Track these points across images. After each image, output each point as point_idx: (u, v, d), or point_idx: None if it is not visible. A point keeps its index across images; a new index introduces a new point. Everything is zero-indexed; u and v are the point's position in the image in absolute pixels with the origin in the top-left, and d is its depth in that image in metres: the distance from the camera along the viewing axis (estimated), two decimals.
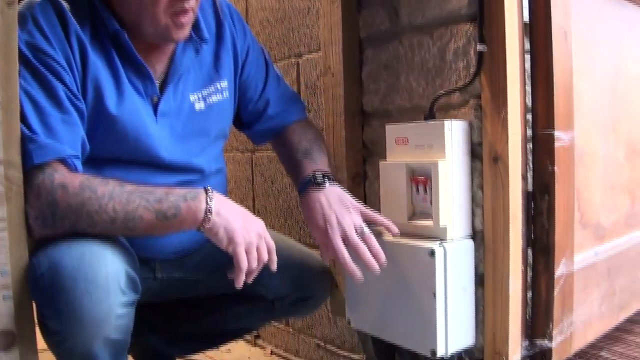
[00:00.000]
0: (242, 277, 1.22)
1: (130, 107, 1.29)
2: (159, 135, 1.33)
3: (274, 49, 2.08)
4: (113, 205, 1.15)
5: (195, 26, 1.36)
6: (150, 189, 1.19)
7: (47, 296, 1.13)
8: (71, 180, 1.15)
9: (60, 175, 1.15)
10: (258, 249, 1.24)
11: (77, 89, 1.22)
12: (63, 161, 1.17)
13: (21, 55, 1.15)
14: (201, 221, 1.19)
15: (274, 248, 1.28)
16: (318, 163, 1.45)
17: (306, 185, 1.40)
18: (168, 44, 1.32)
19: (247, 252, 1.22)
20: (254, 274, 1.25)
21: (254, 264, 1.23)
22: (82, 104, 1.22)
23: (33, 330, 1.22)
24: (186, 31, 1.27)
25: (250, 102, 1.55)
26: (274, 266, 1.28)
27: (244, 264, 1.21)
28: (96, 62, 1.24)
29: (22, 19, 1.16)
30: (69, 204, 1.14)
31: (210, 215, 1.19)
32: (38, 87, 1.17)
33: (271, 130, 1.59)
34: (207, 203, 1.19)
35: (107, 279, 1.14)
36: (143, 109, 1.31)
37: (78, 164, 1.21)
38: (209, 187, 1.22)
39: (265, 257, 1.25)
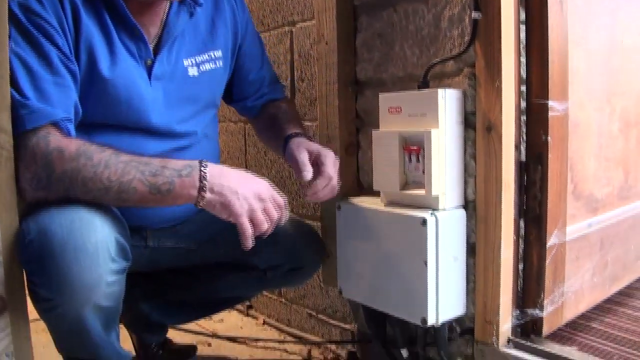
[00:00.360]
0: (249, 242, 1.22)
1: (123, 71, 1.28)
2: (152, 98, 1.32)
3: (267, 17, 2.05)
4: (108, 174, 1.15)
5: None
6: (146, 160, 1.18)
7: (37, 263, 1.13)
8: (67, 145, 1.14)
9: (55, 138, 1.14)
10: (266, 210, 1.22)
11: (70, 52, 1.21)
12: (56, 125, 1.16)
13: (12, 16, 1.13)
14: (196, 198, 1.18)
15: (284, 203, 1.26)
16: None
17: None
18: (160, 3, 1.30)
19: (252, 218, 1.21)
20: (268, 233, 1.25)
21: (263, 227, 1.22)
22: (75, 66, 1.21)
23: (23, 295, 1.22)
24: None
25: (250, 72, 1.56)
26: (283, 221, 1.27)
27: (248, 232, 1.20)
28: (89, 25, 1.23)
29: None
30: (64, 168, 1.13)
31: (204, 193, 1.18)
32: (30, 49, 1.15)
33: (256, 108, 1.64)
34: (200, 181, 1.18)
35: (96, 247, 1.14)
36: (136, 72, 1.30)
37: (71, 127, 1.20)
38: (204, 162, 1.20)
39: (275, 216, 1.24)
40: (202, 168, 1.18)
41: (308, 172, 1.37)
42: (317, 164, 1.39)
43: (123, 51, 1.27)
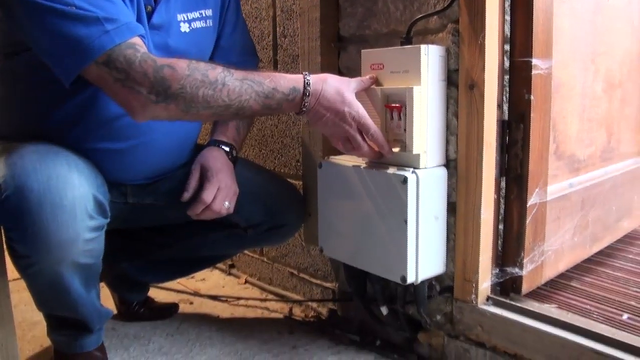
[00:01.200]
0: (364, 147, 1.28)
1: (136, 15, 1.27)
2: (150, 46, 1.30)
3: None
4: (227, 92, 1.17)
5: None
6: (258, 78, 1.20)
7: (13, 220, 1.12)
8: (175, 62, 1.15)
9: (154, 55, 1.14)
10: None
11: None
12: (141, 37, 1.17)
13: None
14: (299, 113, 1.25)
15: (377, 134, 1.27)
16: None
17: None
18: None
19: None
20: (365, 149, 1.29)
21: (361, 149, 1.29)
22: None
23: (2, 254, 1.22)
24: None
25: (221, 36, 1.53)
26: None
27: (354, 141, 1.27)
28: None
29: None
30: (182, 84, 1.13)
31: (305, 109, 1.23)
32: None
33: None
34: (302, 106, 1.23)
35: (73, 203, 1.14)
36: (143, 17, 1.28)
37: (147, 41, 1.21)
38: (307, 82, 1.22)
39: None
40: (305, 92, 1.22)
41: (186, 194, 1.44)
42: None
43: None
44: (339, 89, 1.23)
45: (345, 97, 1.23)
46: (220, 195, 1.43)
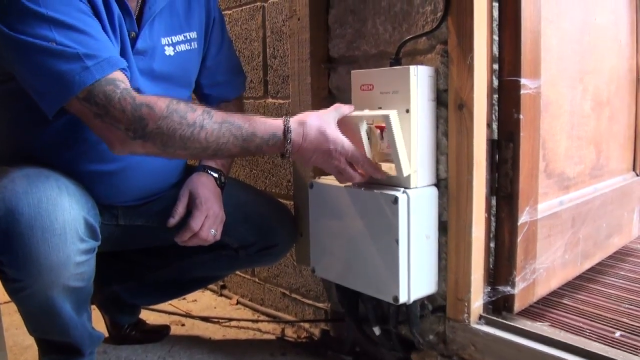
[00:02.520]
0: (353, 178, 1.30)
1: (120, 45, 1.28)
2: (134, 71, 1.31)
3: None
4: (205, 135, 1.17)
5: None
6: (237, 122, 1.20)
7: (4, 243, 1.12)
8: (154, 101, 1.15)
9: (134, 92, 1.15)
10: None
11: None
12: (122, 71, 1.18)
13: None
14: (283, 157, 1.26)
15: (370, 164, 1.30)
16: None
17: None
18: None
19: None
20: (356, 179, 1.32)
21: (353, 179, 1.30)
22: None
23: None
24: None
25: (207, 57, 1.54)
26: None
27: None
28: None
29: None
30: (158, 124, 1.14)
31: (288, 154, 1.24)
32: (66, 7, 1.13)
33: (213, 100, 1.62)
34: (284, 151, 1.23)
35: (64, 227, 1.14)
36: (127, 43, 1.29)
37: (128, 74, 1.21)
38: (289, 128, 1.23)
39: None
40: (287, 139, 1.22)
41: (172, 220, 1.45)
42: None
43: (117, 21, 1.26)
44: (320, 127, 1.24)
45: (328, 136, 1.23)
46: (208, 223, 1.44)
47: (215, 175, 1.53)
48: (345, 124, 1.30)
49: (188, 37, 1.43)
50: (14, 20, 1.10)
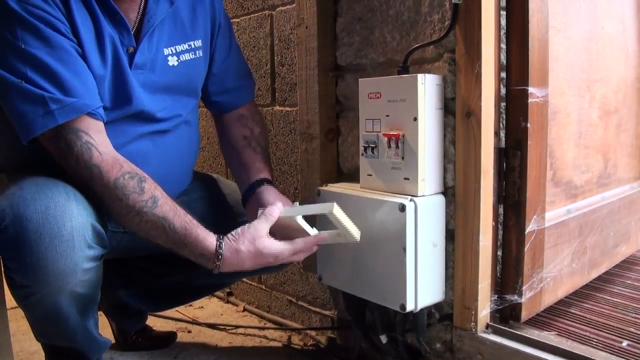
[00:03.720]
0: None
1: (111, 63, 1.27)
2: (135, 86, 1.31)
3: (247, 1, 2.04)
4: (139, 221, 1.21)
5: None
6: (176, 224, 1.22)
7: (12, 249, 1.12)
8: (107, 169, 1.19)
9: (96, 152, 1.19)
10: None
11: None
12: (90, 115, 1.20)
13: (14, 14, 1.12)
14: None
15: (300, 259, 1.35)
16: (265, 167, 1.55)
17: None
18: None
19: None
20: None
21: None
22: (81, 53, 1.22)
23: (1, 283, 1.21)
24: None
25: (215, 63, 1.53)
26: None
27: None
28: (79, 14, 1.21)
29: None
30: (102, 190, 1.19)
31: (216, 272, 1.28)
32: (41, 44, 1.15)
33: (224, 106, 1.61)
34: (213, 269, 1.27)
35: (72, 233, 1.14)
36: (121, 62, 1.28)
37: (102, 113, 1.23)
38: (220, 255, 1.25)
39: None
40: (217, 261, 1.26)
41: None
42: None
43: (108, 40, 1.26)
44: (255, 251, 1.27)
45: (264, 253, 1.27)
46: None
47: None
48: (282, 222, 1.31)
49: (193, 46, 1.43)
50: None
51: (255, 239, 1.26)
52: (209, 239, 1.25)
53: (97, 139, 1.20)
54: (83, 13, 1.22)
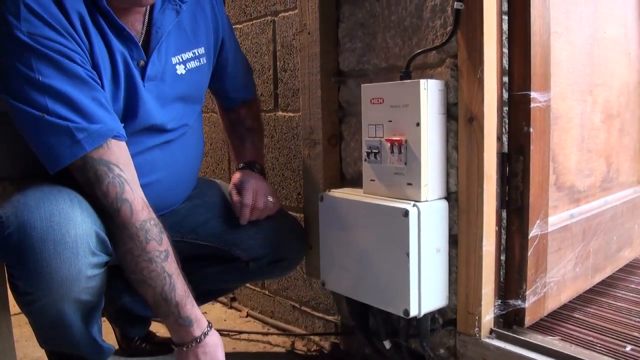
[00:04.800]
0: None
1: (124, 81, 1.28)
2: (148, 100, 1.31)
3: (249, 7, 2.04)
4: (143, 268, 1.22)
5: None
6: (176, 284, 1.25)
7: (16, 256, 1.12)
8: (139, 208, 1.21)
9: (128, 187, 1.20)
10: None
11: (91, 67, 1.21)
12: (115, 138, 1.20)
13: (28, 47, 1.11)
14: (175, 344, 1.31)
15: None
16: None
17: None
18: (139, 7, 1.29)
19: None
20: None
21: None
22: (97, 78, 1.22)
23: (5, 289, 1.22)
24: None
25: (227, 65, 1.56)
26: None
27: None
28: (95, 36, 1.22)
29: (15, 7, 1.11)
30: (125, 227, 1.20)
31: (186, 348, 1.29)
32: (58, 75, 1.14)
33: (236, 102, 1.69)
34: (184, 345, 1.28)
35: (76, 240, 1.13)
36: (134, 78, 1.29)
37: (124, 133, 1.23)
38: (201, 338, 1.28)
39: None
40: (196, 339, 1.28)
41: (236, 209, 1.52)
42: None
43: (120, 58, 1.26)
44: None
45: None
46: (259, 196, 1.52)
47: (248, 167, 1.62)
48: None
49: (197, 54, 1.43)
50: (11, 84, 1.13)
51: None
52: (201, 318, 1.30)
53: (128, 174, 1.21)
54: (97, 37, 1.22)
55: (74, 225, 1.14)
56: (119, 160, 1.19)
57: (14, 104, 1.12)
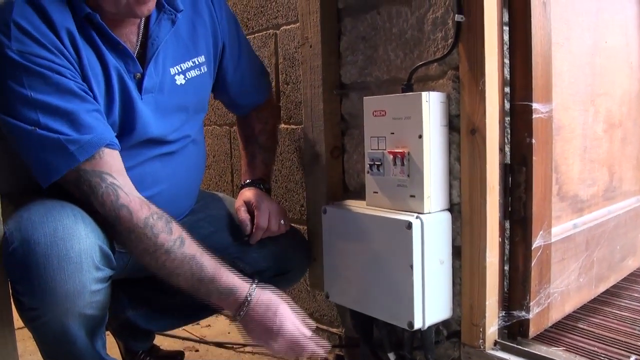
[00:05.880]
0: None
1: (119, 96, 1.28)
2: (146, 113, 1.32)
3: (251, 20, 2.05)
4: (165, 260, 1.22)
5: None
6: (204, 262, 1.25)
7: (20, 272, 1.12)
8: (136, 209, 1.21)
9: (122, 192, 1.20)
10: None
11: (81, 81, 1.22)
12: (108, 146, 1.20)
13: (18, 65, 1.13)
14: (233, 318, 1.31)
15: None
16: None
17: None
18: (134, 18, 1.29)
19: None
20: None
21: None
22: (89, 90, 1.23)
23: (9, 303, 1.21)
24: (150, 5, 1.24)
25: (228, 73, 1.55)
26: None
27: None
28: (86, 51, 1.22)
29: (5, 26, 1.13)
30: (130, 230, 1.20)
31: (239, 316, 1.29)
32: (49, 90, 1.15)
33: (247, 108, 1.68)
34: (241, 310, 1.28)
35: (80, 255, 1.14)
36: (130, 92, 1.29)
37: (117, 142, 1.23)
38: (252, 293, 1.28)
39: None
40: (240, 313, 1.28)
41: (247, 227, 1.52)
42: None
43: (114, 73, 1.27)
44: (278, 310, 1.32)
45: (278, 315, 1.31)
46: (273, 217, 1.52)
47: (257, 185, 1.61)
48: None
49: (197, 62, 1.44)
50: (3, 101, 1.14)
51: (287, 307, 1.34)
52: (239, 278, 1.29)
53: (121, 180, 1.21)
54: (89, 52, 1.23)
55: (77, 240, 1.14)
56: (112, 168, 1.20)
57: (6, 119, 1.14)
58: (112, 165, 1.20)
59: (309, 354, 1.32)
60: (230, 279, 1.27)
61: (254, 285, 1.29)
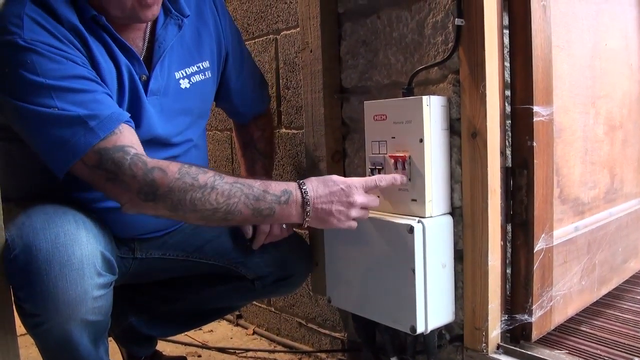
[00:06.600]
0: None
1: (129, 92, 1.29)
2: (151, 114, 1.32)
3: (251, 25, 2.05)
4: (216, 196, 1.19)
5: (174, 1, 1.35)
6: (248, 182, 1.23)
7: (22, 279, 1.12)
8: (167, 165, 1.18)
9: (147, 157, 1.17)
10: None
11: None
12: (126, 122, 1.20)
13: (34, 52, 1.13)
14: (297, 222, 1.29)
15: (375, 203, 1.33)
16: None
17: None
18: (139, 24, 1.30)
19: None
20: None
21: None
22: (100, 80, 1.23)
23: (11, 310, 1.21)
24: (154, 9, 1.25)
25: (230, 79, 1.56)
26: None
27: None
28: (97, 48, 1.23)
29: (18, 19, 1.14)
30: (170, 186, 1.16)
31: (305, 221, 1.27)
32: (66, 76, 1.15)
33: (248, 116, 1.69)
34: (304, 212, 1.26)
35: (82, 261, 1.14)
36: (137, 92, 1.30)
37: (133, 122, 1.23)
38: (303, 187, 1.26)
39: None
40: (302, 194, 1.26)
41: (248, 232, 1.51)
42: None
43: (125, 70, 1.28)
44: (325, 180, 1.28)
45: (336, 181, 1.28)
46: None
47: None
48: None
49: (201, 67, 1.44)
50: (17, 90, 1.14)
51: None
52: (290, 183, 1.28)
53: (142, 151, 1.20)
54: (100, 49, 1.24)
55: (79, 246, 1.14)
56: (133, 141, 1.19)
57: (21, 105, 1.13)
58: (132, 139, 1.19)
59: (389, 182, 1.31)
60: (278, 184, 1.26)
61: (299, 184, 1.28)
